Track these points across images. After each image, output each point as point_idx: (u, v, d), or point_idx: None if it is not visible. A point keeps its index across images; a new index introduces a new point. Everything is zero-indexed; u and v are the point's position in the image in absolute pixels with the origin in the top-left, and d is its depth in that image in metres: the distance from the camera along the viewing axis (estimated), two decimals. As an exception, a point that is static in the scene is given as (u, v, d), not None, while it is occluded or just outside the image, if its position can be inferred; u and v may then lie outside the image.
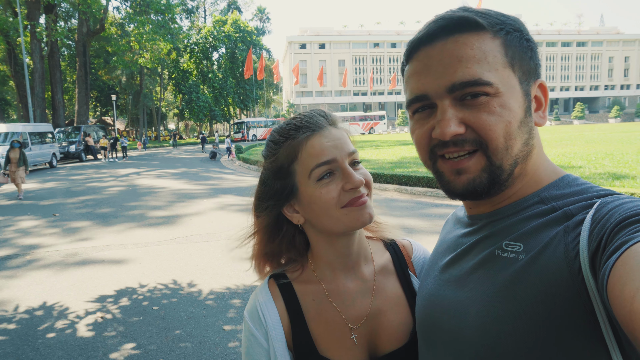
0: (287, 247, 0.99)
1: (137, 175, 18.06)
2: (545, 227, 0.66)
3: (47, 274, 5.61)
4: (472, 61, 0.67)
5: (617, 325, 0.55)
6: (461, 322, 0.72)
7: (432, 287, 0.83)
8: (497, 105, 0.67)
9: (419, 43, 0.72)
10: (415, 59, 0.73)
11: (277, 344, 0.90)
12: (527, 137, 0.71)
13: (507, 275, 0.66)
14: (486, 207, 0.77)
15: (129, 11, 35.81)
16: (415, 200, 9.95)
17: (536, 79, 0.73)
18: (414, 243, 1.08)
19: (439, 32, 0.70)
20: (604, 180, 9.81)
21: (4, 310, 4.48)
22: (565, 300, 0.58)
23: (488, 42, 0.69)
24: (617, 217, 0.57)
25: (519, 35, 0.71)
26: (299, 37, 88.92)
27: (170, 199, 11.38)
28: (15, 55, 31.56)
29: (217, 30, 58.27)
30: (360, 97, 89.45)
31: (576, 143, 22.81)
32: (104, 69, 49.38)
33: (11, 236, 7.78)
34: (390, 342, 0.92)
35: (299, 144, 0.88)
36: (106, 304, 4.55)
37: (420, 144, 0.75)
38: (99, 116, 58.86)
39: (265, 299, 0.95)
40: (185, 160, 26.76)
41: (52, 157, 23.96)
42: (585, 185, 0.71)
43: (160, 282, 5.12)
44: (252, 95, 58.39)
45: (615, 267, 0.51)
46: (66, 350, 3.63)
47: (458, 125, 0.68)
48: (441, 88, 0.69)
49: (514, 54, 0.70)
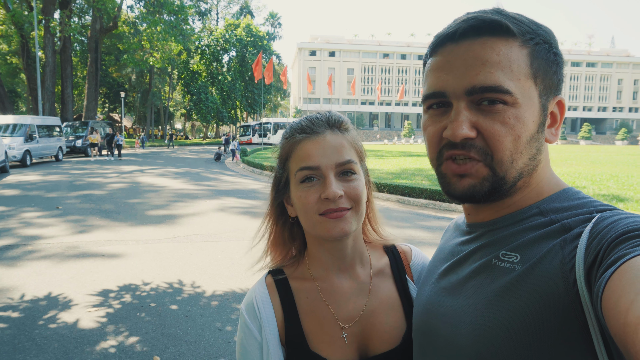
0: (289, 236, 1.03)
1: (141, 172, 18.12)
2: (542, 239, 0.66)
3: (47, 265, 5.63)
4: (496, 67, 0.66)
5: (609, 340, 0.55)
6: (456, 329, 0.72)
7: (429, 293, 0.84)
8: (512, 116, 0.67)
9: (446, 38, 0.71)
10: (440, 53, 0.72)
11: (270, 338, 0.93)
12: (534, 152, 0.70)
13: (503, 285, 0.67)
14: (485, 216, 0.77)
15: (142, 10, 36.14)
16: (415, 211, 9.94)
17: (556, 94, 0.72)
18: (414, 249, 1.10)
19: (468, 31, 0.69)
20: (607, 202, 9.78)
21: (2, 299, 4.51)
22: (558, 312, 0.58)
23: (515, 50, 0.67)
24: (615, 231, 0.57)
25: (547, 47, 0.69)
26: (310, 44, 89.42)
27: (172, 198, 11.41)
28: (29, 48, 31.88)
29: (228, 33, 58.71)
30: (367, 107, 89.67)
31: (581, 163, 22.75)
32: (115, 66, 49.76)
33: (14, 226, 7.82)
34: (381, 343, 0.94)
35: (294, 143, 0.93)
36: (104, 298, 4.56)
37: (432, 142, 0.75)
38: (107, 112, 59.27)
39: (262, 294, 0.98)
40: (190, 160, 26.84)
41: (58, 151, 24.07)
42: (586, 199, 0.71)
43: (159, 280, 5.13)
44: (260, 99, 58.65)
45: (610, 280, 0.50)
46: (62, 342, 3.65)
47: (470, 129, 0.68)
48: (460, 88, 0.68)
49: (539, 66, 0.69)
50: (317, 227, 0.88)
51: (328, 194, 0.85)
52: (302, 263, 1.01)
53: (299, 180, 0.90)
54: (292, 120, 0.99)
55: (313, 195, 0.88)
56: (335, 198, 0.86)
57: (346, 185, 0.89)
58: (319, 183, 0.88)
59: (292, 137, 0.94)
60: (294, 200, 0.93)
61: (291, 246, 1.03)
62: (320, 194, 0.87)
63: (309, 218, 0.89)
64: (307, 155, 0.89)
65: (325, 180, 0.87)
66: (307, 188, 0.88)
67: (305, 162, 0.89)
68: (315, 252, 0.98)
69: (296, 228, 1.02)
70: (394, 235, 1.09)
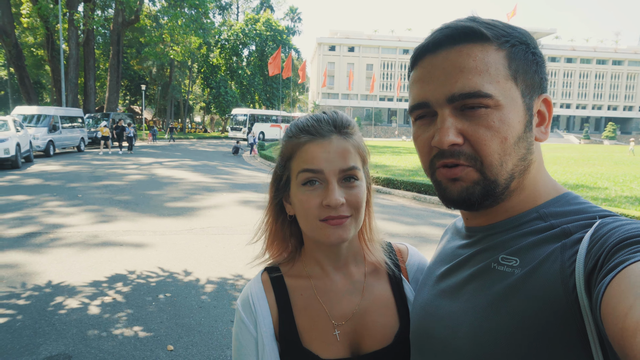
0: (287, 233, 1.03)
1: (160, 165, 18.40)
2: (542, 244, 0.66)
3: (67, 253, 5.79)
4: (474, 72, 0.67)
5: (606, 345, 0.55)
6: (453, 332, 0.72)
7: (428, 296, 0.85)
8: (496, 119, 0.67)
9: (425, 50, 0.73)
10: (420, 66, 0.74)
11: (265, 333, 0.94)
12: (524, 152, 0.70)
13: (501, 289, 0.67)
14: (484, 220, 0.78)
15: (163, 4, 36.52)
16: (430, 209, 9.88)
17: (541, 93, 0.73)
18: (410, 248, 1.10)
19: (444, 41, 0.70)
20: (629, 204, 9.55)
21: (26, 285, 4.66)
22: (557, 317, 0.59)
23: (492, 53, 0.68)
24: (615, 237, 0.57)
25: (524, 48, 0.70)
26: (329, 39, 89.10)
27: (190, 190, 11.57)
28: (53, 40, 32.52)
29: (248, 27, 58.92)
30: (386, 103, 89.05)
31: (604, 163, 22.22)
32: (136, 59, 50.41)
33: (37, 214, 8.06)
34: (373, 342, 0.95)
35: (298, 144, 0.92)
36: (121, 287, 4.68)
37: (422, 151, 0.76)
38: (127, 104, 60.15)
39: (257, 290, 0.99)
40: (207, 153, 27.11)
41: (80, 142, 24.55)
42: (585, 204, 0.71)
43: (174, 270, 5.23)
44: (279, 93, 58.83)
45: (610, 285, 0.51)
46: (80, 327, 3.76)
47: (456, 135, 0.69)
48: (442, 97, 0.70)
49: (518, 67, 0.69)
50: (316, 232, 0.89)
51: (330, 201, 0.85)
52: (298, 261, 1.03)
53: (301, 182, 0.90)
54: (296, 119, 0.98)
55: (314, 200, 0.88)
56: (337, 206, 0.86)
57: (348, 192, 0.89)
58: (321, 187, 0.88)
59: (297, 137, 0.93)
60: (293, 201, 0.94)
61: (288, 243, 1.04)
62: (322, 200, 0.87)
63: (309, 222, 0.90)
64: (311, 157, 0.89)
65: (328, 185, 0.87)
66: (309, 192, 0.89)
67: (309, 164, 0.89)
68: (311, 251, 0.99)
69: (294, 226, 1.03)
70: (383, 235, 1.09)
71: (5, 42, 29.56)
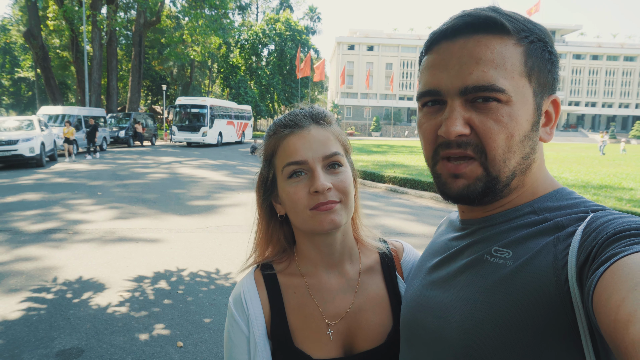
0: (279, 234, 1.03)
1: (179, 164, 18.66)
2: (536, 236, 0.66)
3: (85, 249, 5.92)
4: (490, 65, 0.66)
5: (597, 338, 0.56)
6: (444, 323, 0.72)
7: (418, 287, 0.84)
8: (505, 114, 0.66)
9: (441, 36, 0.71)
10: (435, 51, 0.72)
11: (257, 332, 0.93)
12: (528, 151, 0.70)
13: (494, 280, 0.67)
14: (479, 213, 0.77)
15: (184, 5, 37.05)
16: (449, 209, 9.75)
17: (551, 93, 0.72)
18: (406, 246, 1.09)
19: (463, 29, 0.68)
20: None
21: (44, 279, 4.79)
22: (548, 309, 0.59)
23: (510, 47, 0.67)
24: (608, 231, 0.57)
25: (542, 46, 0.69)
26: (348, 38, 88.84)
27: (211, 189, 11.69)
28: (78, 42, 33.38)
29: (268, 27, 59.25)
30: (405, 102, 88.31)
31: (630, 164, 21.58)
32: (157, 59, 51.30)
33: (59, 211, 8.27)
34: (366, 341, 0.94)
35: (279, 139, 0.93)
36: (135, 283, 4.76)
37: (427, 139, 0.74)
38: (149, 104, 61.22)
39: (250, 288, 0.98)
40: (226, 152, 27.37)
41: (102, 141, 25.10)
42: (579, 199, 0.71)
43: (187, 268, 5.29)
44: (298, 93, 58.99)
45: (602, 277, 0.51)
46: (93, 322, 3.84)
47: (464, 126, 0.68)
48: (454, 87, 0.68)
49: (534, 65, 0.68)
50: (309, 221, 0.88)
51: (317, 187, 0.85)
52: (292, 260, 1.02)
53: (287, 176, 0.90)
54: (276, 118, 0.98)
55: (302, 190, 0.88)
56: (324, 190, 0.86)
57: (334, 178, 0.89)
58: (306, 177, 0.88)
59: (277, 133, 0.94)
60: (282, 198, 0.93)
61: (281, 244, 1.04)
62: (309, 188, 0.87)
63: (299, 214, 0.89)
64: (293, 150, 0.89)
65: (313, 173, 0.87)
66: (296, 183, 0.88)
67: (292, 157, 0.89)
68: (304, 248, 0.98)
69: (286, 226, 1.03)
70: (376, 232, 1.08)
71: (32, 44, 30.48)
